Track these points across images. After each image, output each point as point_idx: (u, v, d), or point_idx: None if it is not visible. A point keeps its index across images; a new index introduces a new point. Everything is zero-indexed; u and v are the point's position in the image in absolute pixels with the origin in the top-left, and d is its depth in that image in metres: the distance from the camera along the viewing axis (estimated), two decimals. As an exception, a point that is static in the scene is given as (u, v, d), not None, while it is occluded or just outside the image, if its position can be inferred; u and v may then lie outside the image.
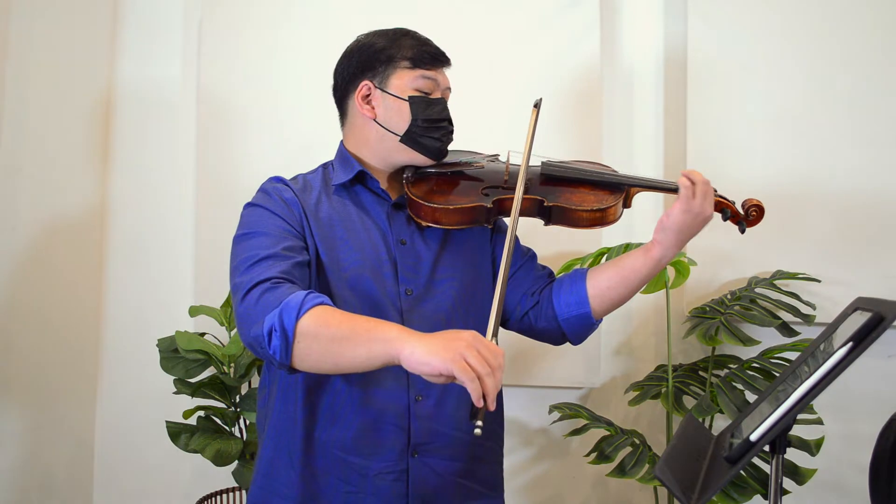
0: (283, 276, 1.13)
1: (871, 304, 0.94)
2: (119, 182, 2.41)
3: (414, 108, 1.29)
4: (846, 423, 2.03)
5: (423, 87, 1.30)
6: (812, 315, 1.94)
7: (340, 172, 1.34)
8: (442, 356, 0.98)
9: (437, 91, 1.32)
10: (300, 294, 1.08)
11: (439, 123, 1.30)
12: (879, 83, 2.01)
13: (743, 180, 2.10)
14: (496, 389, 0.97)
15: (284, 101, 2.28)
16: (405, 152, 1.31)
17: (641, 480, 1.83)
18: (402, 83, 1.30)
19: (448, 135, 1.33)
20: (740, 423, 1.09)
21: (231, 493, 2.20)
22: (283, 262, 1.15)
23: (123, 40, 2.42)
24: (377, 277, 1.26)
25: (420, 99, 1.29)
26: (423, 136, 1.29)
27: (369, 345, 1.04)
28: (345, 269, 1.25)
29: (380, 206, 1.33)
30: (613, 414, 2.20)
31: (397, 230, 1.32)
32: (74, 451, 2.33)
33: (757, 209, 1.36)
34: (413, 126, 1.29)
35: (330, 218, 1.29)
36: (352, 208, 1.32)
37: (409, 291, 1.28)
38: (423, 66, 1.30)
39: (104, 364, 2.41)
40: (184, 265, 2.36)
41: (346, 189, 1.34)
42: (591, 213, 1.30)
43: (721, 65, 2.13)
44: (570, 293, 1.36)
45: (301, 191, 1.32)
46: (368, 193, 1.34)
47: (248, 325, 1.10)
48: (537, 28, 2.21)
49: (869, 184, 2.01)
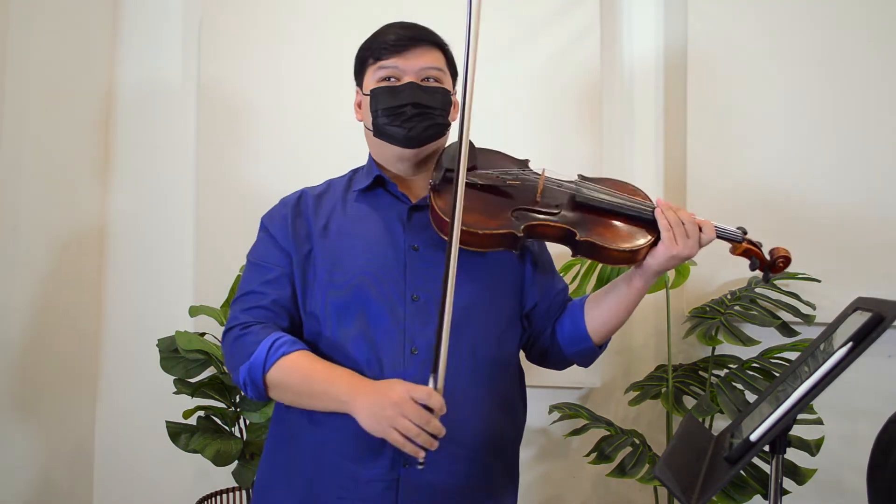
0: (254, 320, 1.26)
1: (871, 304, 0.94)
2: (120, 182, 2.41)
3: (373, 101, 1.28)
4: (846, 423, 2.03)
5: (384, 77, 1.28)
6: (812, 315, 1.94)
7: (362, 177, 1.36)
8: (375, 429, 1.11)
9: (405, 77, 1.28)
10: (263, 348, 1.20)
11: (399, 110, 1.26)
12: (881, 81, 2.01)
13: (743, 180, 2.10)
14: (431, 442, 1.08)
15: (285, 101, 2.28)
16: (384, 146, 1.30)
17: (641, 480, 1.83)
18: (369, 80, 1.31)
19: (413, 119, 1.26)
20: (740, 423, 1.09)
21: (231, 493, 2.20)
22: (261, 299, 1.27)
23: (124, 39, 2.42)
24: (381, 283, 1.25)
25: (377, 90, 1.28)
26: (387, 125, 1.27)
27: (326, 402, 1.18)
28: (343, 278, 1.25)
29: (397, 208, 1.31)
30: (613, 414, 2.20)
31: (411, 235, 1.29)
32: (74, 451, 2.33)
33: (784, 260, 1.30)
34: (375, 118, 1.28)
35: (340, 228, 1.30)
36: (368, 213, 1.31)
37: (415, 297, 1.25)
38: (380, 58, 1.29)
39: (104, 364, 2.41)
40: (184, 265, 2.36)
41: (366, 194, 1.34)
42: (623, 253, 1.23)
43: (721, 64, 2.13)
44: (573, 331, 1.36)
45: (316, 197, 1.35)
46: (388, 196, 1.33)
47: (230, 370, 1.26)
48: (537, 28, 2.21)
49: (869, 184, 2.01)
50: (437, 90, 1.29)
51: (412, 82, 1.27)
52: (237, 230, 2.29)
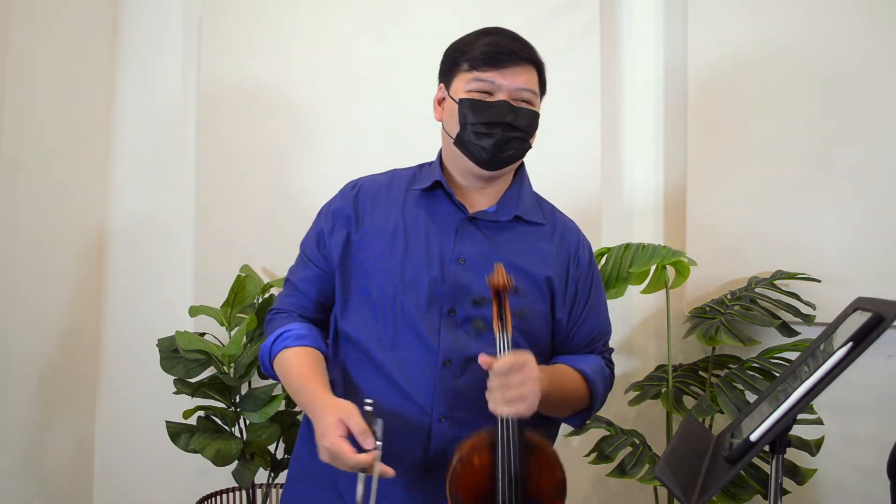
0: (282, 309, 1.37)
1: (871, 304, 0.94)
2: (120, 182, 2.41)
3: (462, 111, 1.25)
4: (846, 423, 2.02)
5: (477, 89, 1.25)
6: (812, 315, 1.94)
7: (424, 177, 1.34)
8: (323, 459, 1.15)
9: (498, 93, 1.25)
10: (271, 338, 1.32)
11: (489, 129, 1.24)
12: (882, 84, 2.01)
13: (743, 180, 2.10)
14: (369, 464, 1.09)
15: (286, 101, 2.28)
16: (461, 157, 1.29)
17: (641, 480, 1.83)
18: (459, 86, 1.27)
19: (505, 142, 1.25)
20: (740, 423, 1.09)
21: (231, 493, 2.20)
22: (293, 293, 1.37)
23: (123, 40, 2.41)
24: (420, 292, 1.25)
25: (469, 101, 1.25)
26: (471, 140, 1.25)
27: (304, 407, 1.26)
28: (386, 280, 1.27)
29: (452, 216, 1.30)
30: (613, 414, 2.20)
31: (460, 247, 1.28)
32: (74, 451, 2.33)
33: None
34: (462, 129, 1.26)
35: (396, 227, 1.30)
36: (423, 216, 1.31)
37: (452, 312, 1.25)
38: (477, 68, 1.25)
39: (104, 364, 2.41)
40: (184, 265, 2.36)
41: (426, 195, 1.33)
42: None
43: (721, 66, 2.13)
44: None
45: (374, 190, 1.35)
46: (446, 202, 1.32)
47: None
48: (537, 28, 2.21)
49: (870, 183, 2.01)
50: (527, 113, 1.27)
51: (506, 101, 1.25)
52: (237, 230, 2.30)
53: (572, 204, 2.19)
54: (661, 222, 2.27)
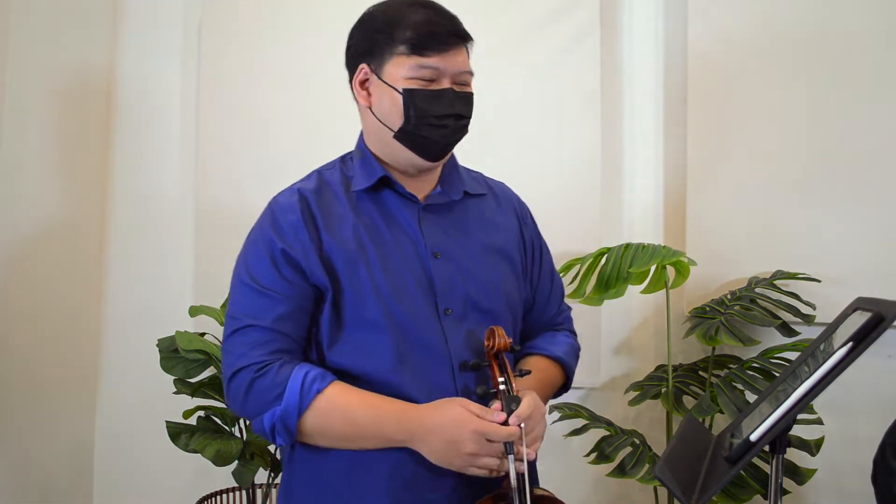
0: (268, 359, 1.09)
1: (871, 304, 0.94)
2: (119, 181, 2.41)
3: (407, 102, 1.11)
4: (846, 423, 2.02)
5: (422, 76, 1.11)
6: (812, 315, 1.94)
7: (360, 175, 1.18)
8: (456, 465, 1.06)
9: (443, 79, 1.12)
10: (296, 387, 1.06)
11: (441, 120, 1.12)
12: (882, 82, 2.01)
13: (743, 180, 2.10)
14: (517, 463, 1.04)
15: (285, 101, 2.28)
16: (402, 150, 1.15)
17: (641, 480, 1.83)
18: (397, 72, 1.12)
19: (455, 132, 1.15)
20: (740, 423, 1.08)
21: (231, 493, 2.19)
22: (269, 335, 1.11)
23: (123, 40, 2.41)
24: (412, 299, 1.14)
25: (416, 91, 1.11)
26: (419, 134, 1.12)
27: (376, 442, 1.09)
28: (376, 295, 1.12)
29: (408, 210, 1.18)
30: (613, 414, 2.20)
31: (431, 240, 1.17)
32: (74, 451, 2.33)
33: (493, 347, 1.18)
34: (406, 122, 1.12)
35: (357, 234, 1.15)
36: (378, 218, 1.17)
37: (448, 311, 1.16)
38: (420, 53, 1.10)
39: (104, 364, 2.41)
40: (184, 265, 2.36)
41: (368, 194, 1.18)
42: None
43: (721, 64, 2.13)
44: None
45: (316, 196, 1.17)
46: (394, 196, 1.19)
47: (246, 415, 1.12)
48: (537, 29, 2.21)
49: (870, 183, 2.01)
50: (469, 97, 1.16)
51: (451, 89, 1.13)
52: (237, 230, 2.28)
53: (572, 204, 2.19)
54: (661, 222, 2.27)
